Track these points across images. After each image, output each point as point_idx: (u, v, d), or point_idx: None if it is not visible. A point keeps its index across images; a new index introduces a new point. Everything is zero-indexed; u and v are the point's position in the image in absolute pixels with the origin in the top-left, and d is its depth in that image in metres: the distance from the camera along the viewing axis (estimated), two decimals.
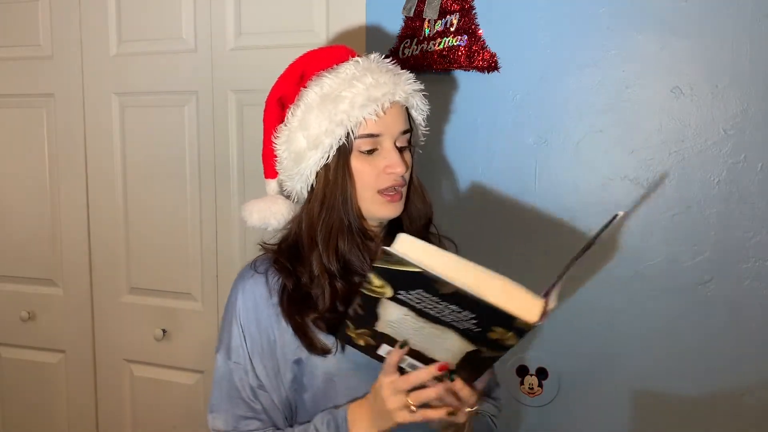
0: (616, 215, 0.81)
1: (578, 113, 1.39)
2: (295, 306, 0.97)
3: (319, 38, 1.57)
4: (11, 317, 1.96)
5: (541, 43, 1.40)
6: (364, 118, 0.94)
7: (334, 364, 0.97)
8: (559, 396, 1.47)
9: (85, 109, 1.82)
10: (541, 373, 1.48)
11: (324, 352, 0.96)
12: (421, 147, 1.11)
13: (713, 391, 1.37)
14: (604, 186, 1.39)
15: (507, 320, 0.74)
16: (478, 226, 1.48)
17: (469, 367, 0.84)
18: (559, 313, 1.44)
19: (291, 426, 1.01)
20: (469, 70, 1.44)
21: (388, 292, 0.79)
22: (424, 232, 1.05)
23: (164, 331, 1.80)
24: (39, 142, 1.88)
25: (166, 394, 1.83)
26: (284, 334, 0.98)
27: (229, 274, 1.72)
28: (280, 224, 1.03)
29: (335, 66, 1.00)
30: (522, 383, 1.49)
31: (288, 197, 1.05)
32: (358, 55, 1.02)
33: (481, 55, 1.41)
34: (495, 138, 1.45)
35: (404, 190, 0.99)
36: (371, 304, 0.82)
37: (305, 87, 1.00)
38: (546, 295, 0.74)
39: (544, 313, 0.74)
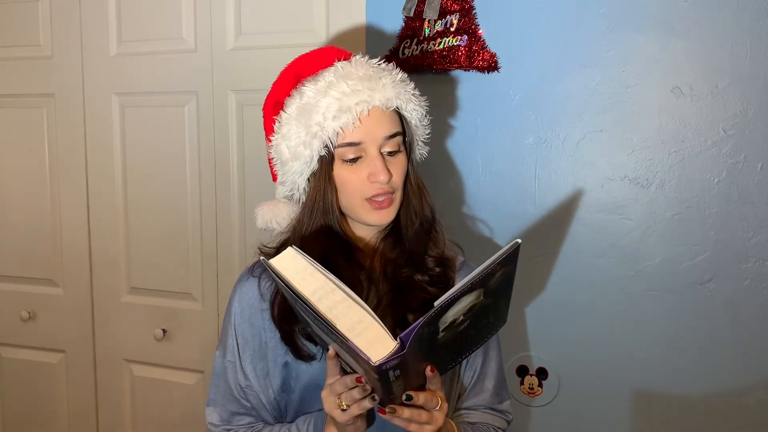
0: (517, 243, 0.78)
1: (578, 113, 1.40)
2: (284, 313, 0.97)
3: (319, 38, 1.57)
4: (11, 317, 1.96)
5: (541, 43, 1.40)
6: (341, 128, 0.92)
7: (318, 369, 0.97)
8: (559, 396, 1.47)
9: (85, 109, 1.82)
10: (541, 373, 1.48)
11: (309, 358, 0.97)
12: (428, 144, 1.08)
13: (713, 391, 1.37)
14: (604, 186, 1.39)
15: (355, 353, 0.72)
16: (478, 226, 1.48)
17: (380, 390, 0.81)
18: (559, 313, 1.45)
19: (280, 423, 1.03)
20: (469, 70, 1.44)
21: (291, 296, 0.80)
22: (425, 235, 1.02)
23: (164, 331, 1.80)
24: (39, 142, 1.88)
25: (166, 394, 1.83)
26: (275, 337, 0.99)
27: (229, 274, 1.72)
28: (281, 227, 1.03)
29: (319, 72, 0.99)
30: (522, 383, 1.50)
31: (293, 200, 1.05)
32: (345, 58, 1.00)
33: (481, 55, 1.41)
34: (495, 138, 1.46)
35: (397, 194, 0.97)
36: (294, 305, 0.83)
37: (290, 96, 0.99)
38: (404, 337, 0.71)
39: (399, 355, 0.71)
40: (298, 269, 0.78)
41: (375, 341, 0.72)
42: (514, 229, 1.46)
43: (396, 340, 0.72)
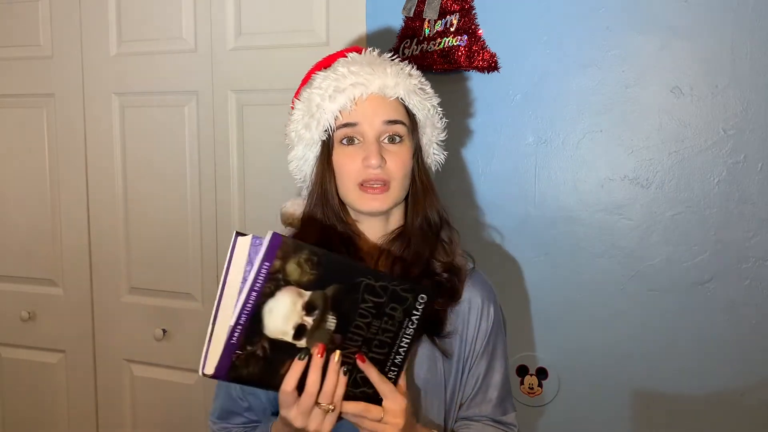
0: (238, 235, 0.78)
1: (578, 113, 1.39)
2: None
3: (319, 38, 1.57)
4: (11, 317, 1.96)
5: (541, 43, 1.40)
6: (340, 111, 0.93)
7: None
8: (559, 396, 1.47)
9: (85, 109, 1.82)
10: (541, 373, 1.48)
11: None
12: (442, 143, 1.05)
13: (713, 391, 1.37)
14: (603, 186, 1.39)
15: None
16: (478, 226, 1.48)
17: None
18: (559, 313, 1.45)
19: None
20: (469, 70, 1.44)
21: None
22: (433, 238, 1.00)
23: (164, 331, 1.80)
24: (39, 142, 1.88)
25: (166, 394, 1.83)
26: None
27: None
28: (299, 216, 1.04)
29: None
30: (522, 383, 1.49)
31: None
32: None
33: (481, 55, 1.41)
34: (495, 138, 1.45)
35: (394, 185, 0.94)
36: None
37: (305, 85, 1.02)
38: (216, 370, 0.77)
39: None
40: (240, 256, 0.79)
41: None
42: (515, 230, 1.46)
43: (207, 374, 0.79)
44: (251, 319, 0.76)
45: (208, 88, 1.69)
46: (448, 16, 1.42)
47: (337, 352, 0.81)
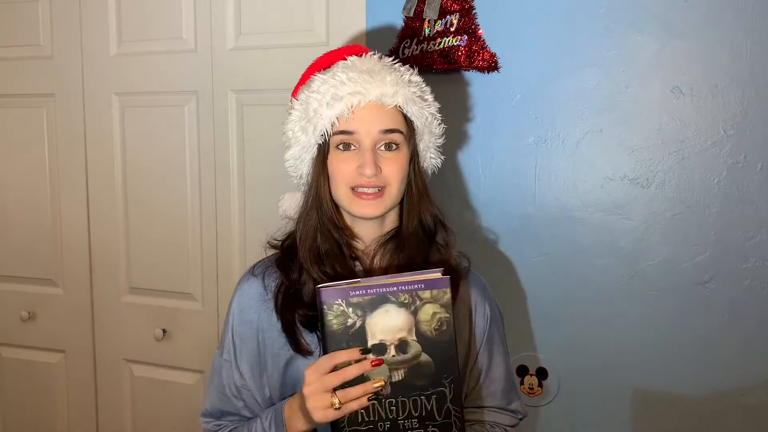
0: None
1: (578, 113, 1.40)
2: (287, 302, 0.98)
3: (319, 38, 1.57)
4: (11, 317, 1.96)
5: (541, 43, 1.40)
6: (337, 118, 0.94)
7: None
8: (559, 396, 1.47)
9: (85, 109, 1.82)
10: (541, 373, 1.48)
11: (307, 353, 0.97)
12: (440, 149, 1.06)
13: (713, 391, 1.37)
14: (604, 186, 1.39)
15: None
16: (478, 226, 1.48)
17: None
18: (558, 313, 1.45)
19: None
20: (469, 70, 1.44)
21: None
22: (428, 242, 1.01)
23: (164, 331, 1.80)
24: (39, 142, 1.88)
25: (166, 394, 1.83)
26: (274, 335, 0.99)
27: (229, 274, 1.72)
28: (296, 215, 1.04)
29: (334, 64, 1.00)
30: (522, 383, 1.50)
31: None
32: (362, 54, 1.01)
33: (481, 55, 1.41)
34: (495, 138, 1.45)
35: (389, 190, 0.95)
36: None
37: (304, 84, 1.01)
38: None
39: None
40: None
41: None
42: (514, 229, 1.46)
43: None
44: (372, 302, 0.81)
45: (208, 88, 1.69)
46: (448, 16, 1.42)
47: (381, 380, 0.83)
